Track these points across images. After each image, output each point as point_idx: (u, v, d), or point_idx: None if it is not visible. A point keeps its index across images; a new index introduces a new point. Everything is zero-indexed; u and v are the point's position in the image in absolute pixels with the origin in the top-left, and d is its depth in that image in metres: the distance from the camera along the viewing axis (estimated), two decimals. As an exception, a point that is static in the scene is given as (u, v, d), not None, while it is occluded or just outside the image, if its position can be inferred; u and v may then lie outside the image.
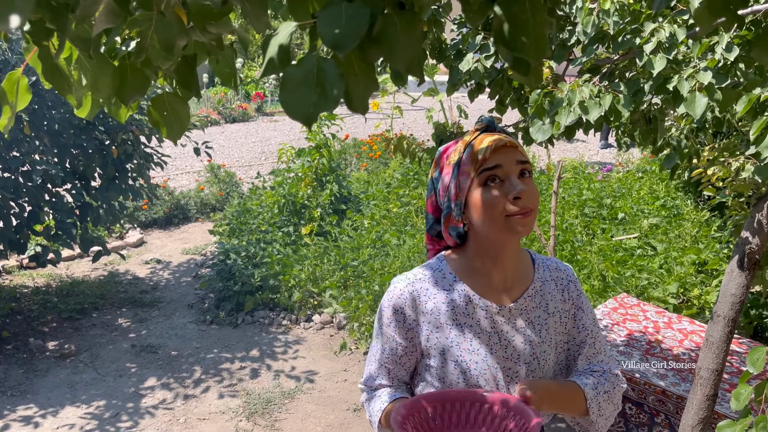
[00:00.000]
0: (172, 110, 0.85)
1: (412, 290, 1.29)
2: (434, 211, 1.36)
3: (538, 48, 0.61)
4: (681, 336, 3.41)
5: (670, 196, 6.21)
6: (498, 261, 1.28)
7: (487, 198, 1.20)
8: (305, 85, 0.61)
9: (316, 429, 3.41)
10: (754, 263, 2.01)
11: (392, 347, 1.32)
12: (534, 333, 1.31)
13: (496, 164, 1.20)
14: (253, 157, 10.77)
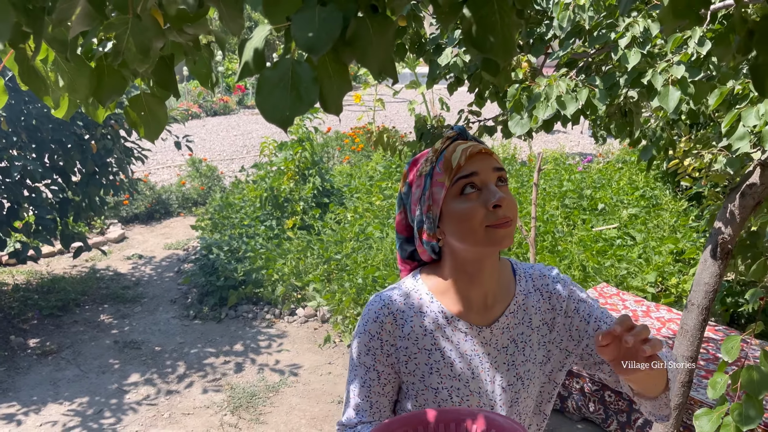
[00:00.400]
0: (149, 110, 0.86)
1: (387, 313, 1.20)
2: (404, 230, 1.27)
3: (506, 49, 0.63)
4: (659, 324, 3.47)
5: (649, 186, 6.30)
6: (477, 277, 1.19)
7: (464, 208, 1.11)
8: (281, 88, 0.62)
9: (301, 422, 3.43)
10: (726, 253, 2.06)
11: (372, 377, 1.21)
12: (518, 351, 1.22)
13: (473, 171, 1.12)
14: (234, 151, 10.71)
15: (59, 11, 0.62)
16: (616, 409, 3.11)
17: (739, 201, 2.01)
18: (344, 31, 0.65)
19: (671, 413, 1.26)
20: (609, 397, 3.12)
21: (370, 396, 1.22)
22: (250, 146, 11.04)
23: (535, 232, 4.06)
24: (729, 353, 1.63)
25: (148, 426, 3.41)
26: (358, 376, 1.22)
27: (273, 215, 5.97)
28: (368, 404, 1.22)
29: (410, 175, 1.22)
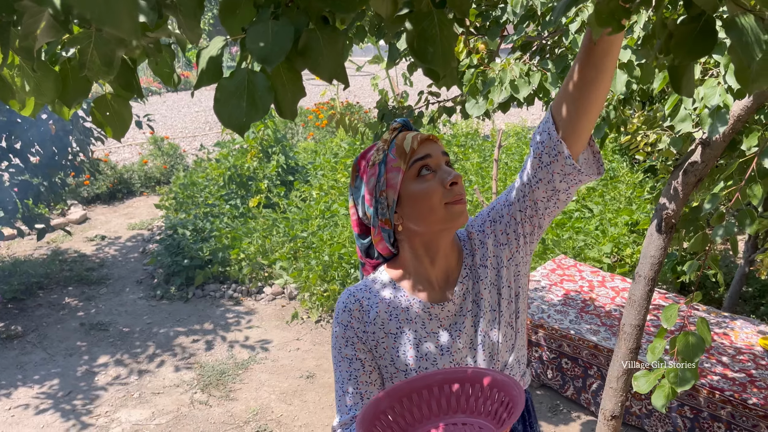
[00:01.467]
0: (114, 111, 0.90)
1: (354, 301, 1.25)
2: (357, 226, 1.31)
3: (445, 60, 0.69)
4: (613, 294, 3.63)
5: (607, 159, 6.47)
6: (436, 258, 1.25)
7: (424, 188, 1.17)
8: (237, 96, 0.67)
9: (271, 397, 3.51)
10: (671, 227, 2.18)
11: (356, 367, 1.24)
12: (480, 310, 1.25)
13: (426, 154, 1.19)
14: (197, 128, 10.58)
15: (25, 26, 0.66)
16: (573, 375, 3.26)
17: (682, 178, 2.12)
18: (296, 42, 0.70)
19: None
20: (566, 365, 3.27)
21: (359, 387, 1.24)
22: (212, 122, 10.91)
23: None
24: (668, 321, 1.75)
25: (119, 406, 3.45)
26: (344, 370, 1.25)
27: (237, 194, 5.97)
28: (359, 396, 1.24)
29: (360, 168, 1.25)
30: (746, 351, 3.08)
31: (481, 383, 1.09)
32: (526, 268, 1.30)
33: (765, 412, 2.63)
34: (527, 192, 1.21)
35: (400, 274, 1.28)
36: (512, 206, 1.25)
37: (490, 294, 1.27)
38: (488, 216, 1.30)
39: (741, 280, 3.92)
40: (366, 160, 1.25)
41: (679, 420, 2.91)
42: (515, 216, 1.24)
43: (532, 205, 1.22)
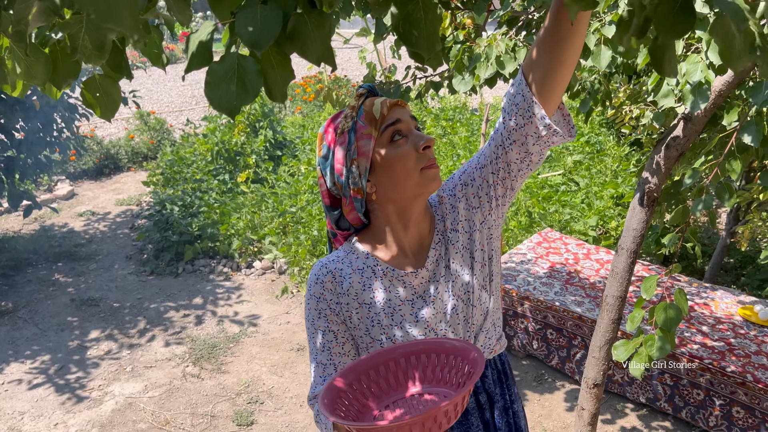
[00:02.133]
0: (104, 91, 0.92)
1: (327, 272, 1.24)
2: (327, 197, 1.27)
3: (430, 43, 0.71)
4: (597, 266, 3.70)
5: (594, 132, 6.51)
6: (408, 226, 1.24)
7: (398, 153, 1.16)
8: (227, 80, 0.69)
9: (262, 369, 3.56)
10: (653, 200, 2.23)
11: (329, 338, 1.24)
12: (454, 274, 1.26)
13: (397, 119, 1.17)
14: (183, 102, 10.48)
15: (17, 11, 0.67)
16: (557, 345, 3.34)
17: (664, 152, 2.16)
18: (285, 26, 0.72)
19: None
20: (551, 335, 3.34)
21: (332, 357, 1.25)
22: (198, 96, 10.81)
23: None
24: (647, 291, 1.80)
25: (112, 380, 3.50)
26: (317, 341, 1.25)
27: (225, 169, 5.96)
28: (333, 367, 1.24)
29: (327, 137, 1.22)
30: (726, 320, 3.16)
31: (444, 353, 1.11)
32: (498, 230, 1.31)
33: (743, 380, 2.72)
34: (500, 154, 1.21)
35: (372, 244, 1.27)
36: (484, 169, 1.24)
37: (463, 258, 1.27)
38: (459, 179, 1.29)
39: (722, 252, 3.99)
40: (333, 128, 1.21)
41: (660, 387, 3.00)
42: (487, 179, 1.24)
43: (505, 167, 1.22)
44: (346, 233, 1.31)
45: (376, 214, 1.25)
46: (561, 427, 3.02)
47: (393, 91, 2.69)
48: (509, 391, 1.37)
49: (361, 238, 1.28)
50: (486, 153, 1.25)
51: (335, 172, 1.21)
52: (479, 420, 1.31)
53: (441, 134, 6.85)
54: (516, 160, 1.20)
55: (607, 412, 3.11)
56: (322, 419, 1.21)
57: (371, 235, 1.27)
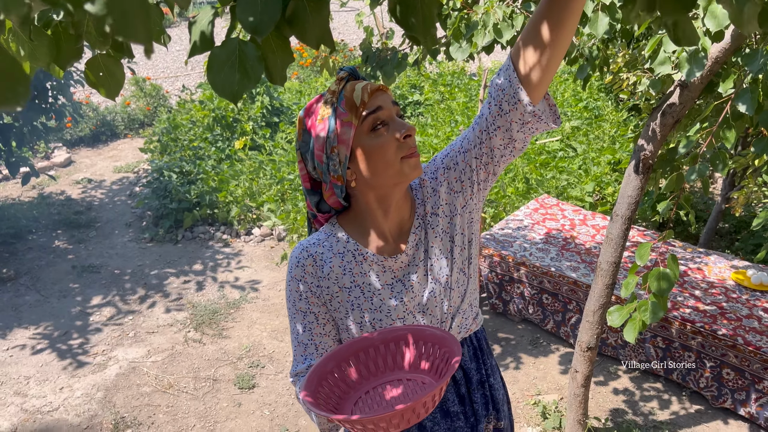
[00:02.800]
0: (107, 70, 0.93)
1: (307, 256, 1.24)
2: (307, 181, 1.26)
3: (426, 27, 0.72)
4: (593, 231, 3.74)
5: (592, 97, 6.49)
6: (389, 211, 1.24)
7: (378, 143, 1.15)
8: (229, 66, 0.70)
9: (262, 334, 3.63)
10: (648, 168, 2.25)
11: (310, 320, 1.26)
12: (433, 258, 1.28)
13: (378, 106, 1.15)
14: (178, 67, 10.37)
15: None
16: (553, 310, 3.40)
17: (660, 119, 2.18)
18: (284, 11, 0.73)
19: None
20: (546, 300, 3.40)
21: (313, 338, 1.26)
22: (194, 62, 10.69)
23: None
24: (641, 258, 1.84)
25: (115, 345, 3.56)
26: (298, 322, 1.27)
27: (222, 136, 5.94)
28: (314, 347, 1.27)
29: (308, 121, 1.19)
30: (718, 285, 3.22)
31: (422, 340, 1.14)
32: (478, 214, 1.33)
33: (733, 342, 2.78)
34: (484, 139, 1.20)
35: (353, 228, 1.27)
36: (467, 153, 1.24)
37: (442, 242, 1.28)
38: (442, 163, 1.29)
39: (717, 217, 4.04)
40: (313, 113, 1.19)
41: (652, 350, 3.07)
42: (470, 163, 1.24)
43: (488, 152, 1.22)
44: (327, 216, 1.31)
45: (356, 199, 1.25)
46: (555, 389, 3.10)
47: (390, 57, 2.68)
48: (485, 366, 1.40)
49: (342, 221, 1.29)
50: (470, 137, 1.25)
51: (315, 158, 1.19)
52: (455, 395, 1.35)
53: (439, 100, 6.82)
54: (500, 146, 1.20)
55: (600, 374, 3.19)
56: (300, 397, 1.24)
57: (352, 218, 1.27)
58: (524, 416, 2.94)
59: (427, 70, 7.97)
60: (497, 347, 3.41)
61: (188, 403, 3.08)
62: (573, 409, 2.69)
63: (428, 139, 5.46)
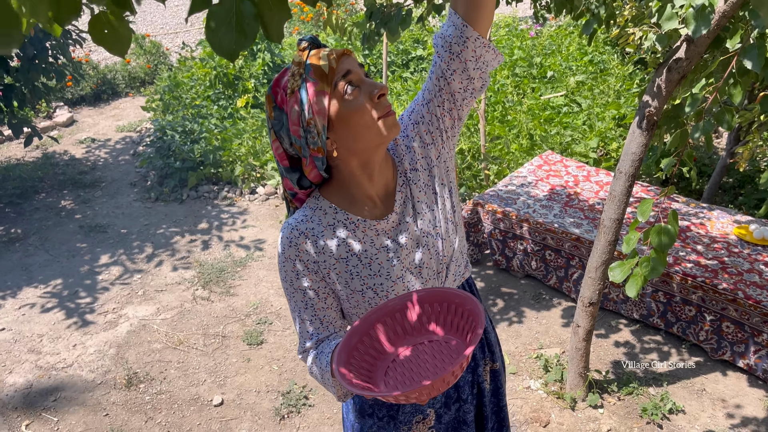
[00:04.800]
0: (112, 27, 0.93)
1: (299, 234, 1.23)
2: (284, 159, 1.24)
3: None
4: (597, 188, 3.74)
5: (597, 51, 6.39)
6: (373, 175, 1.24)
7: (355, 105, 1.14)
8: (227, 24, 0.71)
9: (269, 292, 3.69)
10: (652, 124, 2.24)
11: (311, 296, 1.26)
12: (422, 212, 1.30)
13: (348, 70, 1.14)
14: (177, 24, 10.22)
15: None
16: (555, 266, 3.43)
17: (666, 75, 2.16)
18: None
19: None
20: (549, 256, 3.43)
21: (317, 313, 1.27)
22: (193, 18, 10.52)
23: (485, 103, 4.18)
24: (643, 214, 1.85)
25: (124, 303, 3.63)
26: (299, 301, 1.27)
27: (224, 94, 5.90)
28: (319, 321, 1.28)
29: (277, 98, 1.17)
30: (720, 240, 3.23)
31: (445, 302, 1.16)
32: (452, 162, 1.36)
33: (734, 297, 2.82)
34: (443, 86, 1.25)
35: (338, 198, 1.27)
36: (430, 103, 1.28)
37: (426, 195, 1.31)
38: (409, 119, 1.32)
39: (721, 172, 4.03)
40: (282, 88, 1.16)
41: (653, 304, 3.11)
42: (435, 112, 1.28)
43: (449, 98, 1.26)
44: (308, 190, 1.30)
45: (339, 169, 1.24)
46: (557, 343, 3.16)
47: (395, 14, 2.65)
48: None
49: (326, 193, 1.28)
50: (429, 87, 1.28)
51: (291, 134, 1.17)
52: None
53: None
54: (460, 89, 1.25)
55: (602, 328, 3.24)
56: (316, 372, 1.27)
57: (336, 188, 1.27)
58: (527, 369, 3.01)
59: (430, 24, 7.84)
60: (500, 302, 3.46)
61: (198, 359, 3.16)
62: (574, 362, 2.75)
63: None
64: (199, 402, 2.90)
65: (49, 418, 2.84)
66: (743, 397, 2.81)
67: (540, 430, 2.68)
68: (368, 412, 1.44)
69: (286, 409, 2.83)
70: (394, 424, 1.43)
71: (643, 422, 2.69)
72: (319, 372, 1.25)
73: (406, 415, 1.42)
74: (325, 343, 1.27)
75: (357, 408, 1.45)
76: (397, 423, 1.43)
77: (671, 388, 2.87)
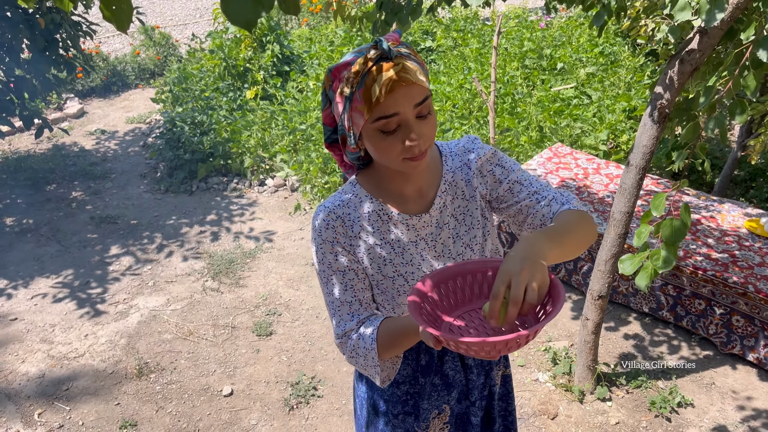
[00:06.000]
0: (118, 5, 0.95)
1: (336, 218, 1.25)
2: (332, 122, 1.26)
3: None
4: (607, 180, 3.73)
5: (608, 42, 6.34)
6: (408, 176, 1.26)
7: (383, 144, 1.13)
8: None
9: (278, 283, 3.70)
10: (664, 117, 2.23)
11: (350, 277, 1.26)
12: (459, 224, 1.32)
13: (394, 113, 1.09)
14: (187, 15, 10.22)
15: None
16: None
17: (678, 67, 2.14)
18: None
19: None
20: (558, 249, 3.42)
21: (356, 294, 1.26)
22: (202, 9, 10.52)
23: (495, 94, 4.16)
24: (657, 209, 1.84)
25: (135, 294, 3.65)
26: (337, 282, 1.26)
27: (233, 86, 5.90)
28: (358, 303, 1.27)
29: (334, 82, 1.16)
30: (731, 233, 3.22)
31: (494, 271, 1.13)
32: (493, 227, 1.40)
33: (744, 290, 2.81)
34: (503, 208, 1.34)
35: (373, 186, 1.28)
36: (502, 212, 1.35)
37: (468, 209, 1.33)
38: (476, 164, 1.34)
39: (733, 164, 4.00)
40: (338, 79, 1.15)
41: (663, 297, 3.11)
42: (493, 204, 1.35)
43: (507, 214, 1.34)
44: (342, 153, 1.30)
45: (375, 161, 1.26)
46: (566, 336, 3.16)
47: (405, 4, 2.64)
48: None
49: (363, 180, 1.30)
50: (500, 195, 1.33)
51: (336, 116, 1.21)
52: None
53: (452, 46, 6.70)
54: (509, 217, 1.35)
55: (611, 321, 3.23)
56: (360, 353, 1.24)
57: (373, 176, 1.29)
58: (535, 362, 3.01)
59: (439, 15, 7.80)
60: (509, 295, 3.46)
61: (208, 350, 3.18)
62: (583, 355, 2.75)
63: (441, 87, 5.40)
64: (209, 392, 2.92)
65: (61, 407, 2.87)
66: (753, 391, 2.80)
67: (548, 422, 2.68)
68: (382, 410, 1.45)
69: (295, 400, 2.85)
70: (412, 419, 1.44)
71: (651, 415, 2.69)
72: (363, 353, 1.23)
73: (424, 412, 1.43)
74: (367, 324, 1.25)
75: (372, 404, 1.47)
76: (415, 419, 1.44)
77: (680, 381, 2.87)
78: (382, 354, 1.21)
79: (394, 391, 1.43)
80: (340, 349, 1.28)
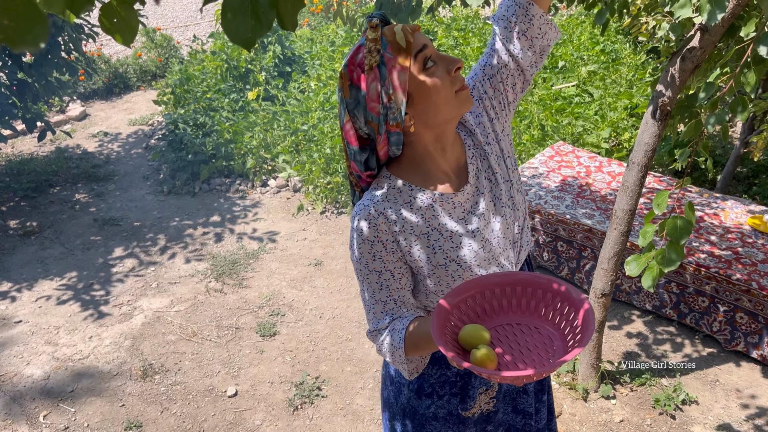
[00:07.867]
0: (121, 17, 0.94)
1: (377, 214, 1.22)
2: (355, 141, 1.22)
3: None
4: (609, 178, 3.72)
5: (609, 40, 6.33)
6: (446, 148, 1.25)
7: (434, 80, 1.14)
8: (242, 13, 0.71)
9: (282, 284, 3.71)
10: (666, 114, 2.23)
11: (386, 278, 1.25)
12: (494, 183, 1.31)
13: (424, 44, 1.14)
14: (188, 16, 10.24)
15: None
16: (567, 257, 3.43)
17: (680, 64, 2.14)
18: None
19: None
20: (561, 247, 3.42)
21: (392, 294, 1.26)
22: (204, 10, 10.53)
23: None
24: (659, 207, 1.84)
25: (139, 295, 3.66)
26: (374, 282, 1.25)
27: (235, 87, 5.91)
28: (393, 302, 1.27)
29: (353, 75, 1.16)
30: (735, 230, 3.21)
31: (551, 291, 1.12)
32: (510, 136, 1.41)
33: (747, 287, 2.80)
34: (508, 62, 1.30)
35: (410, 174, 1.26)
36: (493, 79, 1.32)
37: (499, 166, 1.33)
38: (473, 96, 1.34)
39: (735, 161, 3.99)
40: (358, 66, 1.15)
41: (666, 295, 3.10)
42: (498, 87, 1.32)
43: (515, 73, 1.31)
44: (371, 172, 1.28)
45: (413, 145, 1.24)
46: (569, 334, 3.15)
47: (405, 4, 2.64)
48: None
49: (396, 172, 1.27)
50: (490, 63, 1.32)
51: (369, 112, 1.16)
52: None
53: (453, 45, 6.70)
54: (528, 66, 1.31)
55: (614, 319, 3.23)
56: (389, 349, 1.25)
57: (408, 166, 1.27)
58: (538, 360, 3.01)
59: (440, 14, 7.80)
60: (512, 294, 3.46)
61: (212, 351, 3.19)
62: (586, 353, 2.75)
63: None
64: (213, 393, 2.93)
65: (66, 409, 2.88)
66: (757, 388, 2.80)
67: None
68: (427, 392, 1.42)
69: (300, 400, 2.85)
70: (457, 401, 1.42)
71: (655, 413, 2.69)
72: (391, 349, 1.25)
73: (472, 390, 1.41)
74: (398, 321, 1.26)
75: (415, 388, 1.43)
76: (463, 398, 1.42)
77: (684, 379, 2.86)
78: (409, 353, 1.24)
79: (443, 373, 1.41)
80: (372, 341, 1.32)
